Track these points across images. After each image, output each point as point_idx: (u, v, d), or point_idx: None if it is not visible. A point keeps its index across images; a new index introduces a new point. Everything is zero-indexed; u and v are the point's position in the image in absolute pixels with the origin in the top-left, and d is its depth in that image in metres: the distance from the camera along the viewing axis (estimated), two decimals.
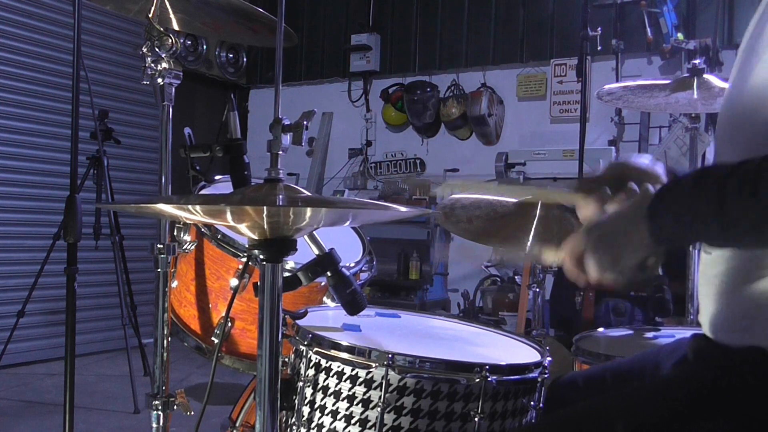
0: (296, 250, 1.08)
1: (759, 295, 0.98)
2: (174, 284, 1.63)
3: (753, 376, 0.95)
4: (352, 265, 1.60)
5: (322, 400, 1.19)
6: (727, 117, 1.08)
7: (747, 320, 1.00)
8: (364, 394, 1.15)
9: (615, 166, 1.21)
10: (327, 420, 1.18)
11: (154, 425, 1.55)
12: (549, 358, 1.25)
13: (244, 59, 6.50)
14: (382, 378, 1.13)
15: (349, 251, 1.67)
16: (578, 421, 1.06)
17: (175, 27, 1.66)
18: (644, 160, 1.19)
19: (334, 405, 1.18)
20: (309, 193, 1.08)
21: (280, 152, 1.08)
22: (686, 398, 0.98)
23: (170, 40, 1.51)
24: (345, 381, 1.17)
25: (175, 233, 1.57)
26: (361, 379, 1.16)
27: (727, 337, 1.03)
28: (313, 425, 1.20)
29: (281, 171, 1.08)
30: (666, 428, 0.98)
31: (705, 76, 2.13)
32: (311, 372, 1.21)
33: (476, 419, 1.13)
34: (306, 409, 1.21)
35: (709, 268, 1.07)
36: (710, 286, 1.07)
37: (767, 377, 0.94)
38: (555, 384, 1.31)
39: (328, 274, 1.24)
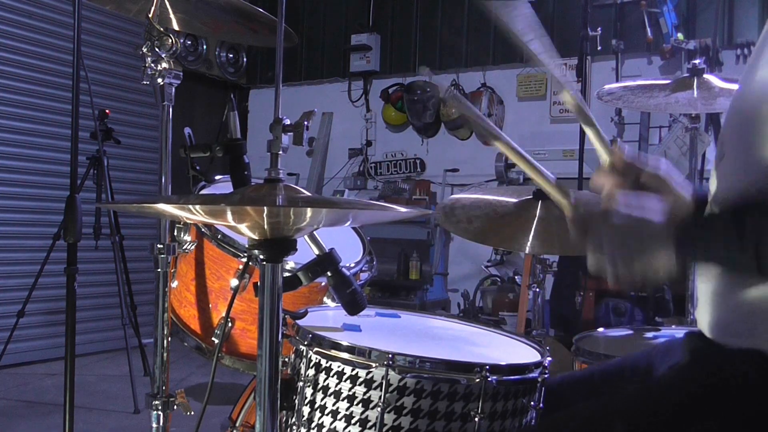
0: (296, 250, 1.08)
1: (758, 298, 0.97)
2: (174, 284, 1.63)
3: (750, 378, 0.95)
4: (352, 265, 1.60)
5: (322, 400, 1.19)
6: (732, 117, 1.08)
7: (745, 323, 1.00)
8: (364, 394, 1.15)
9: (651, 172, 1.13)
10: (327, 420, 1.18)
11: (154, 425, 1.55)
12: (549, 358, 1.25)
13: (244, 59, 6.50)
14: (383, 378, 1.13)
15: (349, 251, 1.67)
16: (576, 423, 1.06)
17: (175, 27, 1.65)
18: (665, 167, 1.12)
19: (334, 405, 1.18)
20: (309, 193, 1.08)
21: (280, 152, 1.08)
22: (684, 400, 0.98)
23: (170, 40, 1.51)
24: (345, 381, 1.17)
25: (175, 233, 1.57)
26: (361, 379, 1.16)
27: (724, 338, 1.03)
28: (313, 425, 1.20)
29: (281, 171, 1.08)
30: (664, 430, 0.98)
31: (705, 76, 2.13)
32: (311, 372, 1.21)
33: (476, 419, 1.13)
34: (306, 409, 1.21)
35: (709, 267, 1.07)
36: (709, 285, 1.07)
37: (764, 379, 0.94)
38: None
39: (328, 274, 1.24)
